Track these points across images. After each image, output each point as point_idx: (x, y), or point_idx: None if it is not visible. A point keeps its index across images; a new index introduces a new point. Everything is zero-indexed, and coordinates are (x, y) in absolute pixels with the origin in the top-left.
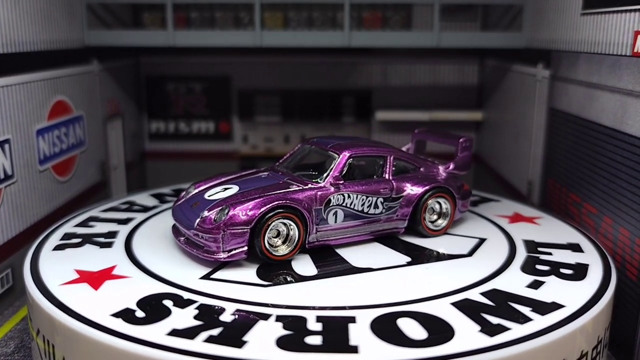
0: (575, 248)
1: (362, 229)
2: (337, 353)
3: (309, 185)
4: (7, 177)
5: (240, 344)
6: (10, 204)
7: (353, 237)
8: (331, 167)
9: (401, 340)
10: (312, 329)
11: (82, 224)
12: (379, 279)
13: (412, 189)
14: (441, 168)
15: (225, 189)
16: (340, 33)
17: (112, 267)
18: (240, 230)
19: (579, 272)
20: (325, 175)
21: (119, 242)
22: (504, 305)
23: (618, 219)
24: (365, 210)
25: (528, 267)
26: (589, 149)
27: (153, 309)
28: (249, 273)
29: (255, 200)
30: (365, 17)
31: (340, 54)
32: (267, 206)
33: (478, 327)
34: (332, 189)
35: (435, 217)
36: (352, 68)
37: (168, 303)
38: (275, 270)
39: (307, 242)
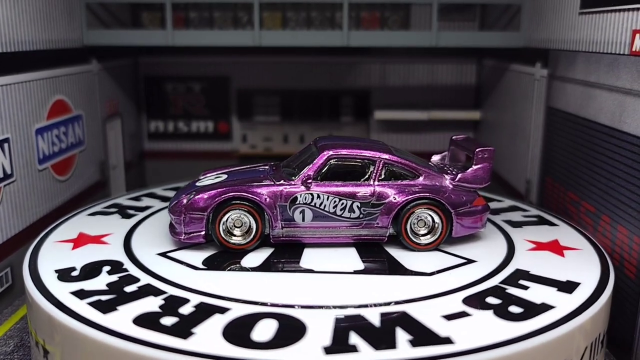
0: (567, 288)
1: (336, 231)
2: (168, 335)
3: (281, 182)
4: (6, 176)
5: (107, 310)
6: (10, 203)
7: (326, 238)
8: (308, 165)
9: (236, 337)
10: (182, 312)
11: (135, 198)
12: (304, 281)
13: (394, 197)
14: (448, 179)
15: (216, 177)
16: (338, 33)
17: (106, 235)
18: (198, 216)
19: (530, 312)
20: (300, 173)
21: (140, 216)
22: (387, 329)
23: (616, 217)
24: (339, 212)
25: (475, 299)
26: (587, 147)
27: (89, 271)
28: (199, 257)
29: (217, 190)
30: (364, 17)
31: (338, 53)
32: (223, 196)
33: (327, 343)
34: (302, 187)
35: (424, 230)
36: (350, 68)
37: (106, 268)
38: (223, 258)
39: (271, 236)
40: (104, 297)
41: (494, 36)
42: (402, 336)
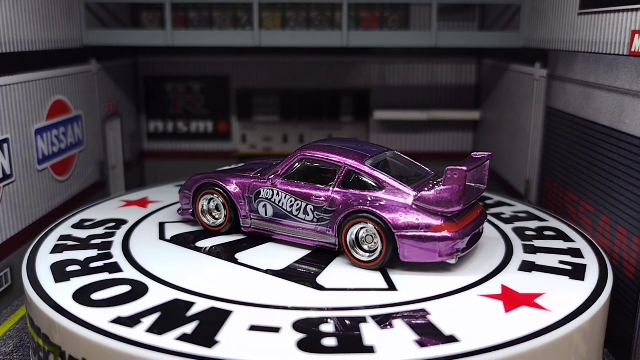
0: (428, 342)
1: (295, 232)
2: (53, 279)
3: (257, 176)
4: (6, 177)
5: (53, 252)
6: (9, 203)
7: (288, 236)
8: (282, 163)
9: (81, 292)
10: (91, 266)
11: None
12: (210, 267)
13: (341, 207)
14: (412, 196)
15: (235, 166)
16: (338, 33)
17: (156, 202)
18: (188, 194)
19: (343, 348)
20: (273, 169)
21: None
22: (200, 321)
23: (615, 217)
24: (295, 213)
25: (307, 322)
26: (587, 148)
27: (96, 224)
28: (180, 230)
29: (202, 175)
30: (363, 17)
31: (338, 53)
32: (201, 181)
33: (125, 315)
34: (268, 183)
35: (371, 247)
36: (350, 68)
37: (110, 224)
38: (193, 236)
39: (241, 224)
40: (69, 243)
41: (494, 36)
42: (190, 328)
